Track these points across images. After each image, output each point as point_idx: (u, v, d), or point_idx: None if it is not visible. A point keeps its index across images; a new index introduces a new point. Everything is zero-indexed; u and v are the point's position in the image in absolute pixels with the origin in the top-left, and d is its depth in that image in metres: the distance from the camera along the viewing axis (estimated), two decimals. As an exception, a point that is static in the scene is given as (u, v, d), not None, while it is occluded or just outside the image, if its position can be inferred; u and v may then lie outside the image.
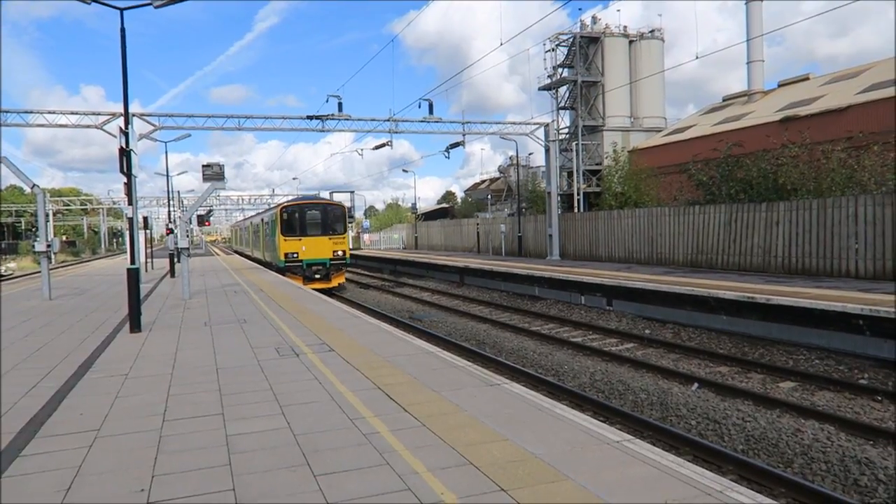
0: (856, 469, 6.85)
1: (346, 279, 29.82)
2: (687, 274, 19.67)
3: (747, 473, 6.77)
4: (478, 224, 42.91)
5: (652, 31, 47.27)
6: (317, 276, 25.51)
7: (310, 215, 26.11)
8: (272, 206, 37.19)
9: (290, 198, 41.78)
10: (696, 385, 10.51)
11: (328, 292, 22.51)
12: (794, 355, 12.33)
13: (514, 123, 32.13)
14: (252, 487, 4.33)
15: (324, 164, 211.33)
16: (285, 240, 25.47)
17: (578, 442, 5.06)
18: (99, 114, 24.89)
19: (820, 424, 8.29)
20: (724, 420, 8.56)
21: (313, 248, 25.53)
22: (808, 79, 39.18)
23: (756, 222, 20.02)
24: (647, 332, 15.47)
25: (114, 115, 24.52)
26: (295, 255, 25.28)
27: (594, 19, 46.41)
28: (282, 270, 25.43)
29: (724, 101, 44.47)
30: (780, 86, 40.62)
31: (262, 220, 33.76)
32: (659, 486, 4.20)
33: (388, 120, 28.67)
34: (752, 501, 3.96)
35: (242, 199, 71.99)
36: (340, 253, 26.07)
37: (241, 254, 50.26)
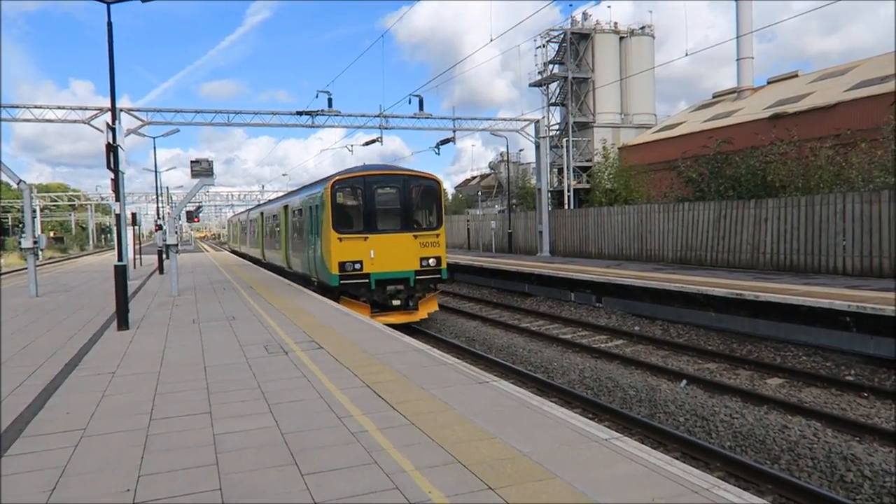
0: (842, 465, 6.91)
1: None
2: (676, 271, 19.76)
3: (735, 470, 6.82)
4: (468, 220, 42.91)
5: (642, 28, 47.38)
6: (394, 301, 15.56)
7: (382, 196, 15.88)
8: (316, 180, 20.91)
9: (280, 193, 37.65)
10: (684, 382, 10.56)
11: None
12: (782, 352, 12.42)
13: (505, 120, 32.16)
14: (239, 486, 4.30)
15: (314, 159, 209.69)
16: (340, 239, 15.24)
17: (567, 440, 5.06)
18: (86, 108, 24.67)
19: (807, 421, 8.36)
20: (713, 417, 8.62)
21: (388, 252, 15.43)
22: (796, 76, 39.41)
23: (745, 219, 20.13)
24: (636, 328, 15.53)
25: (101, 111, 24.31)
26: (357, 267, 15.23)
27: (585, 16, 46.46)
28: (332, 291, 15.52)
29: (714, 97, 44.65)
30: (769, 83, 40.84)
31: (289, 206, 21.96)
32: (647, 483, 4.21)
33: (379, 116, 28.60)
34: (739, 499, 3.97)
35: (232, 196, 71.88)
36: (433, 262, 15.83)
37: (248, 259, 36.06)
